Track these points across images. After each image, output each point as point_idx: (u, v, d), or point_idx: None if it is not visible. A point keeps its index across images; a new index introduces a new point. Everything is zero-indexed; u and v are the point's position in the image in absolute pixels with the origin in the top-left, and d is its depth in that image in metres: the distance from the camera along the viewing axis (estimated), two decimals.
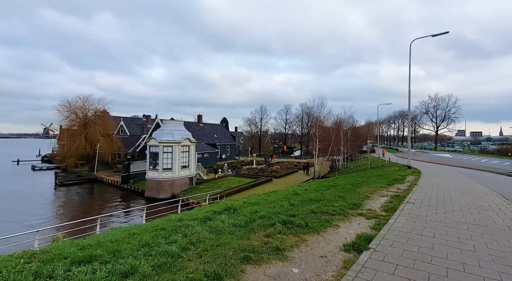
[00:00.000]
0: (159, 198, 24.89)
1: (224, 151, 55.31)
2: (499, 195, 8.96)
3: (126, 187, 30.78)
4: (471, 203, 7.35)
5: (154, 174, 26.49)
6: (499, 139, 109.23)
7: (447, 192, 9.23)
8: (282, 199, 7.46)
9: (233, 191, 25.61)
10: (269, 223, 4.49)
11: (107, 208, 23.12)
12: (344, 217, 5.36)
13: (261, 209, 5.73)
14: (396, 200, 7.51)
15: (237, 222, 4.51)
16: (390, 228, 4.68)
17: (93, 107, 42.66)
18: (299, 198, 7.19)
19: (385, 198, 8.01)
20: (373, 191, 9.31)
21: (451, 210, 6.37)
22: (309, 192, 9.61)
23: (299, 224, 4.50)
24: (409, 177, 14.64)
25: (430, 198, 7.97)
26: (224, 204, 6.42)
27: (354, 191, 9.07)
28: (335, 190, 9.32)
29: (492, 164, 30.90)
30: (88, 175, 38.30)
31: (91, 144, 40.40)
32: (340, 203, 6.60)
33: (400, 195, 8.42)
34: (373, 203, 7.19)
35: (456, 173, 18.77)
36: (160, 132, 27.78)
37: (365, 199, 7.76)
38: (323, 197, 7.34)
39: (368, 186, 10.34)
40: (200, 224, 4.54)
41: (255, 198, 8.82)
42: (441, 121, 72.13)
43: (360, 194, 8.45)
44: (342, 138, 37.42)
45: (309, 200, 6.85)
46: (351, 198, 7.59)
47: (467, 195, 8.81)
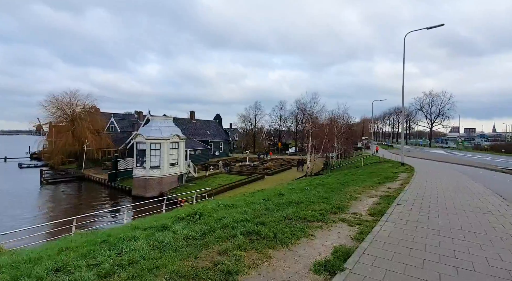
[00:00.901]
0: (147, 196, 24.05)
1: (217, 148, 54.48)
2: (496, 195, 8.36)
3: (114, 185, 29.83)
4: (467, 204, 6.72)
5: (141, 172, 25.60)
6: (492, 135, 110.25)
7: (441, 192, 8.61)
8: (261, 201, 6.74)
9: (223, 189, 24.89)
10: (230, 234, 3.75)
11: (91, 207, 22.22)
12: (323, 224, 4.65)
13: (230, 214, 4.99)
14: (385, 202, 6.84)
15: (192, 233, 3.77)
16: (374, 238, 3.98)
17: (80, 102, 41.34)
18: (279, 200, 6.47)
19: (374, 199, 7.34)
20: (362, 190, 8.64)
21: (445, 213, 5.71)
22: (294, 192, 8.92)
23: (266, 236, 3.77)
24: (402, 175, 14.05)
25: (423, 198, 7.33)
26: (191, 209, 5.67)
27: (341, 190, 8.39)
28: (321, 189, 8.63)
29: (485, 160, 30.65)
30: (76, 172, 37.23)
31: (79, 141, 39.19)
32: (322, 206, 5.90)
33: (390, 196, 7.76)
34: (359, 205, 6.51)
35: (450, 170, 18.29)
36: (148, 128, 26.82)
37: (351, 200, 7.08)
38: (306, 199, 6.64)
39: (357, 185, 9.68)
40: (149, 236, 3.78)
41: (233, 200, 8.09)
42: (436, 117, 72.18)
43: (347, 195, 7.77)
44: (336, 135, 36.87)
45: (288, 202, 6.13)
46: (337, 199, 6.90)
47: (462, 194, 8.20)
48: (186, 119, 52.41)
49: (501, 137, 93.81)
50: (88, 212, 18.81)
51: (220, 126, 60.92)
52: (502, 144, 56.65)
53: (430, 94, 72.32)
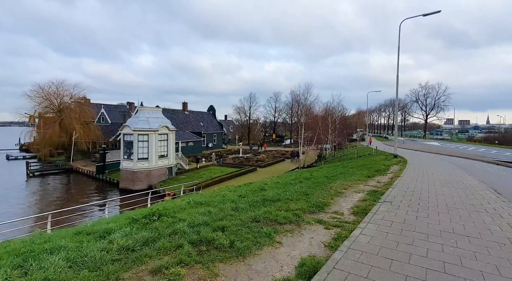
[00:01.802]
0: (134, 189, 23.42)
1: (211, 140, 53.68)
2: (490, 189, 7.85)
3: (101, 178, 29.08)
4: (460, 201, 6.17)
5: (129, 164, 24.84)
6: (486, 127, 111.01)
7: (432, 186, 8.07)
8: (235, 198, 6.11)
9: (213, 182, 24.32)
10: (176, 244, 3.10)
11: (76, 201, 21.51)
12: (295, 227, 4.03)
13: (190, 216, 4.35)
14: (372, 198, 6.26)
15: (131, 242, 3.11)
16: (351, 245, 3.37)
17: (68, 93, 39.92)
18: (254, 198, 5.84)
19: (360, 195, 6.75)
20: (349, 185, 8.06)
21: (436, 212, 5.14)
22: (277, 186, 8.33)
23: (220, 245, 3.13)
24: (394, 167, 13.54)
25: (412, 194, 6.77)
26: (151, 208, 5.01)
27: (327, 185, 7.80)
28: (305, 184, 8.02)
29: (479, 152, 30.45)
30: (64, 164, 36.30)
31: (66, 132, 38.06)
32: (301, 204, 5.28)
33: (378, 191, 7.19)
34: (343, 202, 5.91)
35: (443, 162, 17.87)
36: (135, 119, 25.90)
37: (335, 196, 6.48)
38: (284, 196, 6.02)
39: (345, 179, 9.10)
40: (77, 246, 3.11)
41: (209, 196, 7.46)
42: (431, 109, 71.94)
43: (332, 190, 7.18)
44: (330, 126, 36.30)
45: (262, 200, 5.50)
46: (319, 195, 6.30)
47: (455, 189, 7.67)
48: (179, 110, 51.28)
49: (495, 129, 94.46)
50: (72, 206, 18.14)
51: (214, 117, 59.93)
52: (496, 136, 56.81)
53: (425, 86, 71.83)
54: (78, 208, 15.73)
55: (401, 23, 19.05)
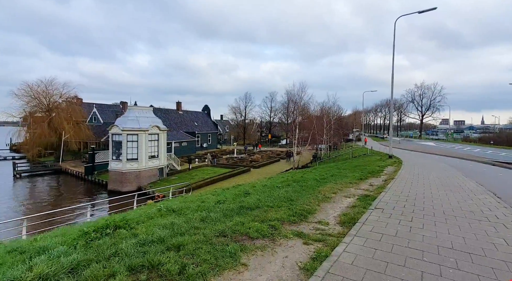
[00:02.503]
0: (123, 191, 22.64)
1: (205, 140, 52.93)
2: (490, 193, 7.34)
3: (90, 179, 28.23)
4: (458, 207, 5.62)
5: (118, 165, 24.06)
6: (481, 127, 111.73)
7: (428, 190, 7.53)
8: (209, 206, 5.50)
9: (204, 183, 23.67)
10: (109, 271, 2.47)
11: (59, 203, 20.69)
12: (269, 243, 3.43)
13: (147, 229, 3.73)
14: (363, 204, 5.69)
15: (55, 269, 2.48)
16: (331, 268, 2.78)
17: (57, 91, 38.88)
18: (230, 205, 5.24)
19: (350, 200, 6.18)
20: (339, 188, 7.49)
21: (432, 221, 4.58)
22: (263, 190, 7.75)
23: (166, 272, 2.52)
24: (388, 169, 13.03)
25: (406, 199, 6.21)
26: (105, 220, 4.37)
27: (315, 189, 7.22)
28: (292, 188, 7.43)
29: (475, 152, 30.20)
30: (53, 165, 35.36)
31: (56, 132, 37.05)
32: (281, 212, 4.68)
33: (370, 196, 6.62)
34: (330, 209, 5.33)
35: (439, 163, 17.44)
36: (124, 118, 25.11)
37: (323, 202, 5.90)
38: (265, 202, 5.42)
39: (336, 182, 8.53)
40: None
41: (186, 201, 6.85)
42: (426, 109, 71.94)
43: (320, 194, 6.60)
44: (325, 126, 35.83)
45: (239, 208, 4.90)
46: (304, 201, 5.71)
47: (452, 193, 7.14)
48: (172, 110, 50.47)
49: (489, 129, 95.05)
50: (55, 208, 17.37)
51: (208, 117, 59.19)
52: (491, 136, 56.91)
53: (421, 86, 71.84)
54: (59, 211, 14.97)
55: (396, 20, 18.62)
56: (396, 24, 18.73)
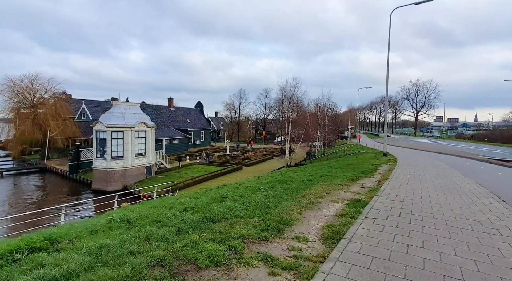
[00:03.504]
0: (108, 190, 21.60)
1: (198, 137, 51.86)
2: (493, 196, 6.60)
3: (75, 178, 27.10)
4: (462, 215, 4.85)
5: (102, 163, 22.99)
6: (474, 125, 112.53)
7: (426, 192, 6.77)
8: (175, 214, 4.63)
9: (193, 182, 22.75)
10: None
11: (39, 204, 19.61)
12: (223, 274, 2.57)
13: (68, 253, 2.85)
14: (352, 211, 4.87)
15: None
16: None
17: (42, 87, 37.36)
18: (194, 215, 4.37)
19: (338, 206, 5.37)
20: (328, 191, 6.68)
21: (434, 237, 3.78)
22: (243, 193, 6.91)
23: None
24: (382, 168, 12.29)
25: (402, 205, 5.42)
26: (40, 236, 3.48)
27: (300, 192, 6.39)
28: (275, 191, 6.60)
29: (470, 149, 29.80)
30: (38, 163, 34.05)
31: (40, 129, 35.66)
32: (252, 225, 3.83)
33: (361, 200, 5.82)
34: (313, 219, 4.50)
35: (435, 161, 16.79)
36: (109, 115, 23.98)
37: (306, 209, 5.08)
38: (235, 212, 4.56)
39: (324, 183, 7.72)
40: None
41: (150, 208, 5.97)
42: (421, 106, 71.78)
43: (304, 199, 5.78)
44: (319, 123, 35.09)
45: (201, 220, 4.03)
46: (284, 208, 4.88)
47: (452, 197, 6.38)
48: (164, 106, 49.22)
49: (483, 126, 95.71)
50: (33, 210, 16.35)
51: (201, 114, 58.04)
52: (485, 133, 56.93)
53: (416, 83, 71.55)
54: (31, 214, 13.94)
55: (392, 11, 17.85)
56: (391, 16, 17.96)
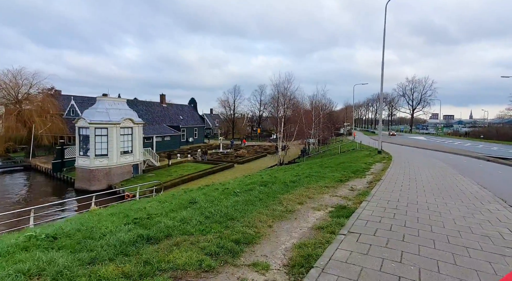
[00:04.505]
0: (91, 190, 20.57)
1: (191, 134, 50.79)
2: (499, 201, 5.79)
3: (58, 177, 26.00)
4: (467, 228, 4.00)
5: (85, 161, 21.92)
6: (469, 122, 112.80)
7: (422, 197, 5.93)
8: (111, 230, 3.72)
9: (181, 181, 21.81)
10: None
11: (17, 204, 18.56)
12: None
13: None
14: (334, 223, 4.01)
15: None
16: None
17: (27, 81, 35.91)
18: (130, 233, 3.47)
19: (319, 215, 4.51)
20: (310, 195, 5.82)
21: (433, 260, 2.92)
22: (217, 197, 6.05)
23: None
24: (376, 166, 11.48)
25: (394, 214, 4.56)
26: None
27: (278, 197, 5.51)
28: (250, 195, 5.72)
29: (466, 146, 29.23)
30: (22, 161, 32.83)
31: (25, 125, 34.34)
32: (199, 248, 2.94)
33: (347, 207, 4.96)
34: (284, 234, 3.63)
35: (431, 159, 16.05)
36: (92, 110, 22.86)
37: (279, 219, 4.20)
38: (187, 225, 3.67)
39: (309, 185, 6.85)
40: None
41: (95, 217, 5.07)
42: (417, 104, 71.31)
43: (281, 205, 4.91)
44: (314, 120, 34.25)
45: (136, 239, 3.13)
46: (252, 219, 4.00)
47: (453, 202, 5.55)
48: (155, 102, 48.00)
49: (478, 123, 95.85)
50: (9, 210, 15.31)
51: (195, 110, 56.90)
52: (481, 130, 56.65)
53: (412, 80, 70.98)
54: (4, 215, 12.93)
55: (387, 3, 16.94)
56: (386, 7, 17.07)
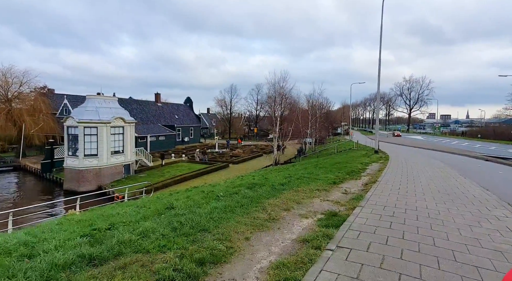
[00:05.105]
0: (80, 191, 19.91)
1: (187, 134, 50.09)
2: (505, 205, 5.28)
3: (48, 177, 25.27)
4: (473, 239, 3.48)
5: (74, 161, 21.24)
6: (466, 121, 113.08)
7: (422, 201, 5.41)
8: (56, 245, 3.15)
9: (173, 182, 21.19)
10: None
11: (3, 206, 17.86)
12: None
13: None
14: (321, 234, 3.47)
15: None
16: None
17: (17, 80, 35.08)
18: (74, 251, 2.91)
19: (306, 224, 3.96)
20: (299, 200, 5.27)
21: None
22: (197, 201, 5.51)
23: None
24: (372, 167, 10.97)
25: (391, 224, 4.02)
26: None
27: (263, 201, 4.97)
28: (233, 200, 5.16)
29: (463, 146, 28.91)
30: (12, 161, 32.01)
31: (15, 124, 33.51)
32: (143, 277, 2.38)
33: (339, 213, 4.42)
34: (262, 249, 3.08)
35: (429, 159, 15.59)
36: (81, 109, 22.17)
37: (260, 229, 3.65)
38: (145, 241, 3.12)
39: (298, 188, 6.30)
40: None
41: (58, 223, 4.50)
42: (414, 103, 71.12)
43: (265, 212, 4.36)
44: (310, 120, 33.77)
45: (71, 262, 2.56)
46: (228, 230, 3.46)
47: (455, 208, 5.03)
48: (150, 101, 47.27)
49: (475, 123, 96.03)
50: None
51: (191, 109, 56.19)
52: (479, 130, 56.52)
53: (409, 80, 70.78)
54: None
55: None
56: (383, 3, 16.56)
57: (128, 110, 28.03)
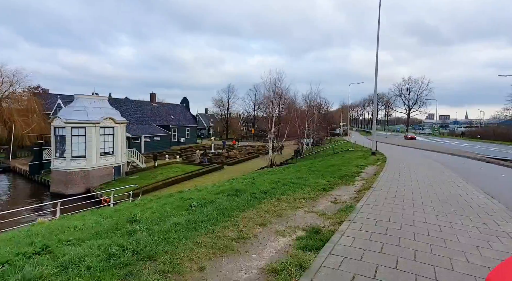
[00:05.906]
0: (67, 193, 19.24)
1: (183, 134, 49.34)
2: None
3: (36, 179, 24.52)
4: (481, 266, 2.81)
5: (61, 163, 20.51)
6: (465, 122, 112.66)
7: (420, 214, 4.73)
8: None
9: (164, 184, 20.45)
10: None
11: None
12: None
13: None
14: (295, 262, 2.79)
15: None
16: None
17: (7, 79, 34.30)
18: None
19: (282, 244, 3.28)
20: (280, 212, 4.59)
21: None
22: (169, 213, 4.84)
23: None
24: (368, 170, 10.30)
25: (383, 244, 3.34)
26: None
27: (235, 214, 4.29)
28: (205, 212, 4.48)
29: (463, 147, 28.29)
30: (2, 163, 31.23)
31: (5, 125, 32.74)
32: None
33: (322, 230, 3.74)
34: None
35: (428, 160, 14.93)
36: (69, 109, 21.44)
37: (222, 253, 2.98)
38: (73, 273, 2.44)
39: (282, 196, 5.62)
40: None
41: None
42: (413, 103, 70.49)
43: (236, 227, 3.69)
44: (307, 120, 33.12)
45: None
46: (181, 256, 2.78)
47: (458, 221, 4.35)
48: (145, 101, 46.56)
49: (474, 123, 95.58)
50: None
51: (187, 110, 55.47)
52: (478, 130, 55.98)
53: (408, 80, 70.16)
54: None
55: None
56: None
57: (122, 110, 27.40)
